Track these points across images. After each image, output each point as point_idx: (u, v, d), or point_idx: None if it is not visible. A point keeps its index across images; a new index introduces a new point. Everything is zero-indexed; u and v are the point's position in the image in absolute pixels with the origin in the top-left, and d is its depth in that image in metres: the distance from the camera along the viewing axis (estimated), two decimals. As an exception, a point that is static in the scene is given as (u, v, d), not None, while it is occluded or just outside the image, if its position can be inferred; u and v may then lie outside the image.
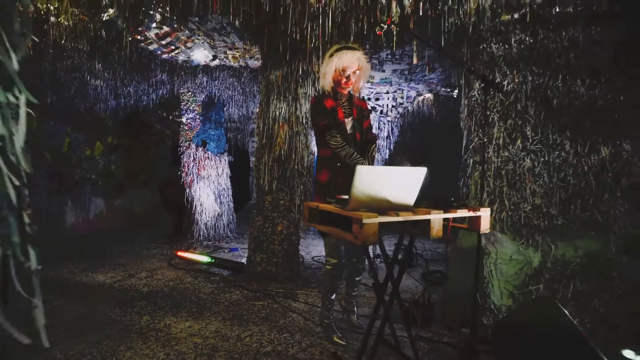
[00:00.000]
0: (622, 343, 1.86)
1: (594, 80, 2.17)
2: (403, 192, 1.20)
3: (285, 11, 2.05)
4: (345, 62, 1.73)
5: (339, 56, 1.73)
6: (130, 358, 1.68)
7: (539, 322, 1.53)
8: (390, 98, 5.28)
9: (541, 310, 1.59)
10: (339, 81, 1.79)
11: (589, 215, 2.10)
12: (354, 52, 1.74)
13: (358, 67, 1.78)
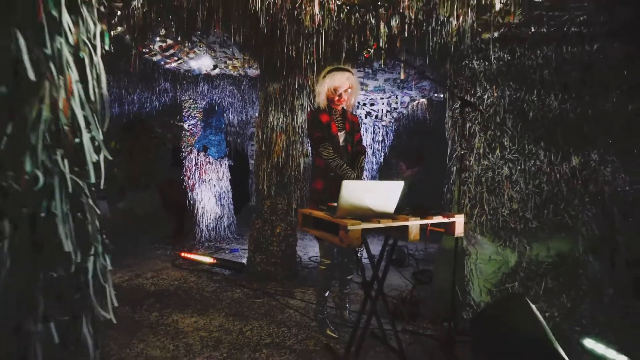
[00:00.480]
0: (586, 334, 2.06)
1: (566, 95, 2.37)
2: (383, 202, 1.39)
3: (282, 32, 2.24)
4: (336, 82, 1.92)
5: (331, 77, 1.92)
6: (144, 349, 1.86)
7: (509, 316, 1.72)
8: (384, 103, 5.46)
9: (511, 305, 1.78)
10: (332, 99, 1.98)
11: (560, 218, 2.30)
12: (344, 73, 1.93)
13: (349, 86, 1.97)
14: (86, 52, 0.49)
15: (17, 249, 0.39)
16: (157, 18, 2.31)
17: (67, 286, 0.48)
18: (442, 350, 1.94)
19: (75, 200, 0.49)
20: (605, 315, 2.24)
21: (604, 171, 2.31)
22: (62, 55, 0.44)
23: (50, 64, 0.42)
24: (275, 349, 1.91)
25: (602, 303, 2.26)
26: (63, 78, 0.45)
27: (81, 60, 0.49)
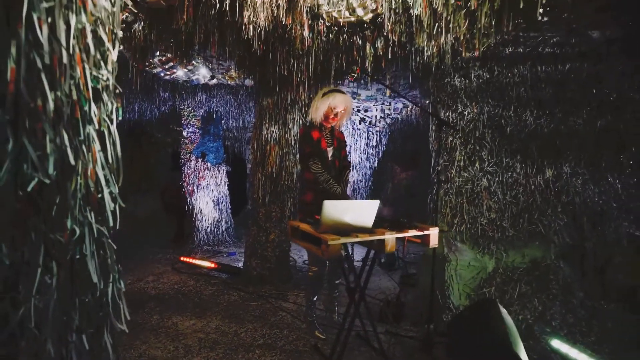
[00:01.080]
0: (555, 335, 2.23)
1: (540, 112, 2.53)
2: (361, 218, 1.55)
3: (274, 54, 2.40)
4: (337, 102, 2.09)
5: (333, 96, 2.09)
6: (146, 350, 2.03)
7: (478, 319, 1.88)
8: (378, 110, 5.61)
9: (483, 309, 1.95)
10: (328, 116, 2.14)
11: (535, 227, 2.46)
12: (344, 96, 2.10)
13: (344, 108, 2.14)
14: (105, 127, 0.65)
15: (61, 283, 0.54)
16: (157, 40, 2.46)
17: (93, 306, 0.63)
18: (422, 351, 2.10)
19: (99, 241, 0.65)
20: (574, 317, 2.41)
21: (575, 183, 2.48)
22: (90, 137, 0.59)
23: (82, 147, 0.58)
24: (267, 350, 2.07)
25: (572, 306, 2.43)
26: (90, 152, 0.60)
27: (101, 132, 0.64)
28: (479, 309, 1.97)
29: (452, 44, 2.39)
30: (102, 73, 0.62)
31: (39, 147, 0.50)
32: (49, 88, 0.51)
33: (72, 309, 0.58)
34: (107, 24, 0.63)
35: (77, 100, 0.56)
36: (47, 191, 0.52)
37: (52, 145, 0.51)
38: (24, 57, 0.47)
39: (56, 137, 0.52)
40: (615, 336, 2.33)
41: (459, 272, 2.50)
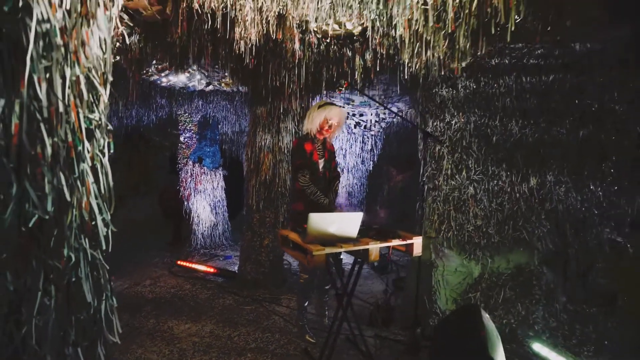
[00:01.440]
0: (537, 338, 2.31)
1: (525, 122, 2.61)
2: (346, 229, 1.63)
3: (266, 66, 2.47)
4: (332, 114, 2.17)
5: (329, 109, 2.17)
6: (142, 354, 2.10)
7: (460, 324, 1.96)
8: (373, 114, 5.70)
9: (465, 314, 2.02)
10: (322, 128, 2.22)
11: (519, 234, 2.54)
12: (339, 109, 2.19)
13: (338, 121, 2.22)
14: (98, 161, 0.72)
15: (59, 304, 0.62)
16: (152, 52, 2.53)
17: (88, 322, 0.71)
18: (408, 354, 2.18)
19: (93, 264, 0.72)
20: (557, 321, 2.50)
21: (558, 191, 2.56)
22: (84, 173, 0.67)
23: (77, 182, 0.65)
24: (259, 353, 2.15)
25: (554, 310, 2.51)
26: (84, 186, 0.68)
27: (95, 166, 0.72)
28: (462, 314, 2.04)
29: (438, 58, 2.47)
30: (95, 115, 0.70)
31: (39, 189, 0.58)
32: (47, 135, 0.58)
33: (68, 326, 0.65)
34: (99, 69, 0.70)
35: (72, 142, 0.64)
36: (46, 225, 0.59)
37: (50, 185, 0.59)
38: (25, 111, 0.54)
39: (53, 178, 0.60)
40: (595, 339, 2.41)
41: (446, 277, 2.58)
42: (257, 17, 1.95)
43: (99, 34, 0.69)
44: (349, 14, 1.82)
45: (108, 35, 0.72)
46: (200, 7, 1.95)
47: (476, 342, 1.70)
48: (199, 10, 1.96)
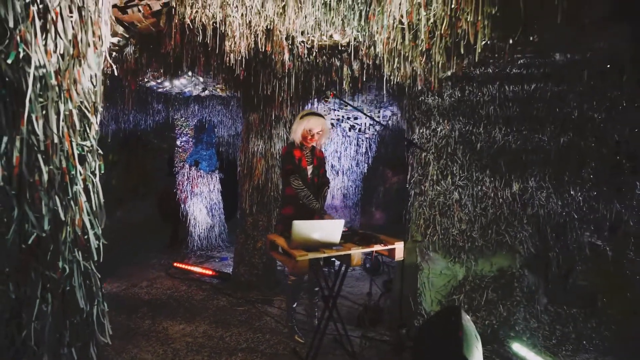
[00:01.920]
0: (517, 339, 2.40)
1: (508, 129, 2.70)
2: (329, 235, 1.72)
3: (257, 77, 2.56)
4: (312, 124, 2.25)
5: (307, 119, 2.26)
6: (137, 354, 2.19)
7: (441, 325, 2.05)
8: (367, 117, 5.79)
9: (447, 316, 2.11)
10: (306, 137, 2.31)
11: (502, 238, 2.63)
12: (319, 118, 2.27)
13: (321, 129, 2.30)
14: (90, 182, 0.81)
15: (55, 310, 0.71)
16: (147, 63, 2.63)
17: (81, 325, 0.80)
18: (393, 354, 2.27)
19: (85, 274, 0.81)
20: (538, 322, 2.59)
21: (540, 196, 2.65)
22: (77, 193, 0.76)
23: (71, 202, 0.74)
24: (249, 353, 2.24)
25: (535, 311, 2.61)
26: (77, 205, 0.76)
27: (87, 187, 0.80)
28: (444, 315, 2.13)
29: (417, 72, 2.56)
30: (86, 142, 0.79)
31: (37, 210, 0.66)
32: (44, 164, 0.67)
33: (63, 329, 0.74)
34: (90, 101, 0.79)
35: (66, 167, 0.73)
36: (43, 242, 0.68)
37: (46, 207, 0.68)
38: (25, 145, 0.63)
39: (49, 201, 0.68)
40: (574, 339, 2.51)
41: (431, 279, 2.67)
42: (246, 32, 2.04)
43: (89, 71, 0.78)
44: (333, 29, 1.91)
45: (98, 70, 0.81)
46: (192, 22, 2.03)
47: (453, 342, 1.79)
48: (191, 25, 2.05)
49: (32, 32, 0.62)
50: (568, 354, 2.37)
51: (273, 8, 1.87)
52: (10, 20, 0.59)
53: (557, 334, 2.55)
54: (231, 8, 1.86)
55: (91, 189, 0.81)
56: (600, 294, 2.69)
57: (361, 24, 1.78)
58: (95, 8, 0.76)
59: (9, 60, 0.60)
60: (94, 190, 0.82)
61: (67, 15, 0.69)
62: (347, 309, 3.05)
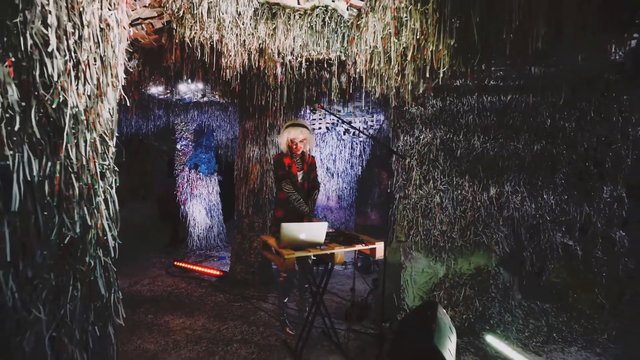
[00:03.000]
0: (491, 331, 2.60)
1: (486, 137, 2.90)
2: (313, 236, 1.92)
3: (251, 89, 2.76)
4: (292, 135, 2.45)
5: (289, 130, 2.45)
6: (141, 344, 2.39)
7: (419, 317, 2.25)
8: (361, 121, 5.99)
9: (424, 310, 2.31)
10: (291, 147, 2.51)
11: (479, 238, 2.83)
12: (298, 128, 2.46)
13: (303, 138, 2.50)
14: (108, 193, 1.00)
15: (83, 295, 0.90)
16: (149, 75, 2.83)
17: (102, 308, 0.99)
18: (375, 345, 2.47)
19: (105, 267, 1.01)
20: (512, 316, 2.79)
21: (515, 200, 2.85)
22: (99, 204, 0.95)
23: (94, 210, 0.94)
24: (244, 344, 2.44)
25: (510, 306, 2.81)
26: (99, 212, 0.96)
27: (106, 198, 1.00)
28: (422, 310, 2.33)
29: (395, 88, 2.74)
30: (106, 162, 0.98)
31: (70, 217, 0.85)
32: (76, 181, 0.86)
33: (89, 310, 0.93)
34: (108, 128, 0.98)
35: (91, 183, 0.92)
36: (75, 242, 0.87)
37: (77, 215, 0.87)
38: (63, 168, 0.82)
39: (80, 210, 0.87)
40: (545, 332, 2.71)
41: (414, 277, 2.87)
42: (241, 50, 2.24)
43: (108, 105, 0.97)
44: (319, 49, 2.11)
45: (115, 104, 1.01)
46: (191, 41, 2.23)
47: (426, 333, 1.99)
48: (190, 44, 2.25)
49: (68, 82, 0.81)
50: (538, 344, 2.57)
51: (265, 30, 2.07)
52: (55, 75, 0.78)
53: (530, 327, 2.75)
54: (226, 30, 2.05)
55: (109, 198, 1.01)
56: (571, 290, 2.90)
57: (344, 45, 1.98)
58: (113, 54, 0.95)
59: (54, 106, 0.79)
60: (111, 200, 1.01)
61: (92, 63, 0.88)
62: (337, 304, 3.25)
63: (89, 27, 0.84)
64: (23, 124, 0.73)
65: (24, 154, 0.72)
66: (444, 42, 1.42)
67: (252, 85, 2.75)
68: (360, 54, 1.73)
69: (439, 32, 1.42)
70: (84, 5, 0.83)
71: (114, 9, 0.94)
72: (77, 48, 0.83)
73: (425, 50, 1.54)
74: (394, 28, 1.52)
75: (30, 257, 0.75)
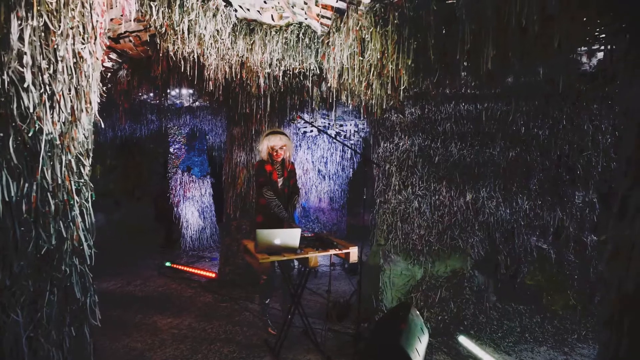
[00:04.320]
0: (464, 332, 2.72)
1: (463, 144, 3.01)
2: (288, 241, 2.03)
3: (236, 98, 2.87)
4: (272, 142, 2.56)
5: (269, 138, 2.56)
6: (129, 342, 2.51)
7: (393, 318, 2.36)
8: (352, 125, 6.10)
9: (398, 312, 2.42)
10: (271, 154, 2.62)
11: (456, 242, 2.94)
12: (278, 136, 2.57)
13: (283, 145, 2.61)
14: (84, 207, 1.11)
15: (60, 299, 1.01)
16: (138, 85, 2.94)
17: (78, 311, 1.10)
18: (351, 344, 2.58)
19: (81, 274, 1.12)
20: (487, 317, 2.90)
21: (490, 205, 2.96)
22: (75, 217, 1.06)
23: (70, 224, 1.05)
24: (227, 343, 2.56)
25: (484, 308, 2.92)
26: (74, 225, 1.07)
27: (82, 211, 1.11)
28: (395, 311, 2.45)
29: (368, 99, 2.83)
30: (81, 180, 1.09)
31: (47, 231, 0.96)
32: (52, 199, 0.97)
33: (65, 313, 1.05)
34: (84, 148, 1.09)
35: (67, 200, 1.03)
36: (52, 252, 0.98)
37: (53, 229, 0.98)
38: (39, 188, 0.93)
39: (55, 224, 0.99)
40: (518, 332, 2.82)
41: (392, 279, 2.99)
42: (222, 63, 2.35)
43: (82, 130, 1.08)
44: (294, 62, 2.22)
45: (89, 125, 1.12)
46: (174, 55, 2.35)
47: (394, 333, 2.10)
48: (173, 57, 2.36)
49: (44, 112, 0.93)
50: (510, 345, 2.68)
51: (243, 45, 2.18)
52: (31, 106, 0.89)
53: (504, 328, 2.87)
54: (206, 45, 2.16)
55: (85, 212, 1.12)
56: (545, 292, 3.02)
57: (317, 59, 2.09)
58: (87, 83, 1.06)
59: (30, 134, 0.90)
60: (87, 213, 1.12)
61: (67, 94, 0.99)
62: (320, 305, 3.36)
63: (62, 61, 0.95)
64: (2, 151, 0.84)
65: (2, 178, 0.83)
66: (403, 61, 1.52)
67: (236, 95, 2.86)
68: (330, 69, 1.84)
69: (398, 52, 1.53)
70: (59, 42, 0.94)
71: (87, 42, 1.05)
72: (51, 81, 0.94)
73: (387, 68, 1.64)
74: (358, 47, 1.62)
75: (8, 267, 0.86)
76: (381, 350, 2.10)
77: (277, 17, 2.01)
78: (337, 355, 2.44)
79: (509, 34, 1.34)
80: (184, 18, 1.97)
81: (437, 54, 1.50)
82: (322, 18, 1.85)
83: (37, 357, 0.95)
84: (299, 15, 1.98)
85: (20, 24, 0.87)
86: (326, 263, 4.81)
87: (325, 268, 4.60)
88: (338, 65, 1.80)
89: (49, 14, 0.92)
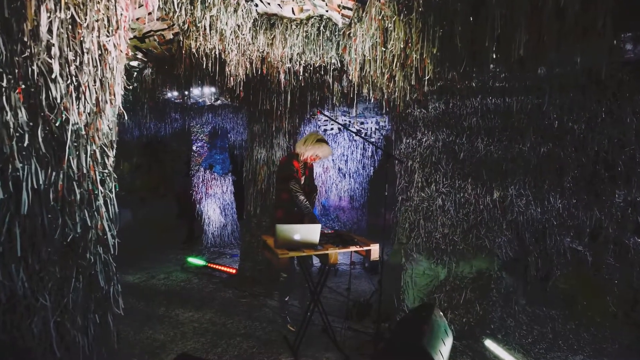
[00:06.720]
0: (491, 336, 2.58)
1: (489, 139, 2.87)
2: (308, 237, 2.00)
3: (257, 94, 2.88)
4: (321, 152, 2.57)
5: (321, 148, 2.56)
6: (152, 334, 2.58)
7: (415, 319, 2.28)
8: (373, 122, 6.01)
9: (421, 311, 2.34)
10: (311, 158, 2.62)
11: (482, 242, 2.81)
12: (330, 150, 2.60)
13: (324, 156, 2.61)
14: (108, 197, 1.14)
15: (84, 287, 1.04)
16: (162, 83, 3.01)
17: (101, 299, 1.13)
18: (371, 344, 2.52)
19: (105, 263, 1.14)
20: (515, 321, 2.75)
21: (519, 203, 2.80)
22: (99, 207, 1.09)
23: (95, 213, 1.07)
24: (246, 338, 2.57)
25: (512, 311, 2.77)
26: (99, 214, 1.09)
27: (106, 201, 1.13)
28: (418, 311, 2.36)
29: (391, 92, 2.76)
30: (105, 170, 1.12)
31: (73, 219, 0.99)
32: (77, 188, 0.99)
33: (90, 301, 1.07)
34: (108, 140, 1.12)
35: (92, 189, 1.05)
36: (76, 240, 1.01)
37: (79, 217, 1.00)
38: (65, 177, 0.95)
39: (81, 213, 1.01)
40: (551, 339, 2.65)
41: (415, 279, 2.89)
42: (242, 59, 2.36)
43: (107, 121, 1.10)
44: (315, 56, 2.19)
45: (113, 117, 1.14)
46: (196, 52, 2.38)
47: (416, 334, 2.03)
48: (196, 54, 2.39)
49: (70, 102, 0.95)
50: (541, 351, 2.53)
51: (264, 39, 2.17)
52: (58, 97, 0.91)
53: (534, 333, 2.70)
54: (228, 41, 2.18)
55: (109, 202, 1.14)
56: (580, 297, 2.82)
57: (338, 52, 2.05)
58: (111, 75, 1.09)
59: (57, 124, 0.92)
60: (111, 203, 1.15)
61: (92, 85, 1.02)
62: (340, 304, 3.32)
63: (88, 53, 0.98)
64: (31, 141, 0.86)
65: (32, 166, 0.86)
66: (428, 50, 1.45)
67: (257, 91, 2.87)
68: (351, 62, 1.80)
69: (422, 40, 1.46)
70: (84, 35, 0.96)
71: (112, 35, 1.07)
72: (78, 72, 0.96)
73: (410, 59, 1.58)
74: (381, 37, 1.57)
75: (37, 253, 0.89)
76: (403, 351, 2.03)
77: (297, 10, 1.99)
78: (356, 354, 2.39)
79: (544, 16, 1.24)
80: (205, 14, 1.99)
81: (464, 41, 1.42)
82: (343, 9, 1.81)
83: (64, 342, 0.98)
84: (319, 8, 1.95)
85: (49, 16, 0.89)
86: (346, 261, 4.75)
87: (345, 267, 4.55)
88: (360, 57, 1.75)
89: (75, 7, 0.94)
